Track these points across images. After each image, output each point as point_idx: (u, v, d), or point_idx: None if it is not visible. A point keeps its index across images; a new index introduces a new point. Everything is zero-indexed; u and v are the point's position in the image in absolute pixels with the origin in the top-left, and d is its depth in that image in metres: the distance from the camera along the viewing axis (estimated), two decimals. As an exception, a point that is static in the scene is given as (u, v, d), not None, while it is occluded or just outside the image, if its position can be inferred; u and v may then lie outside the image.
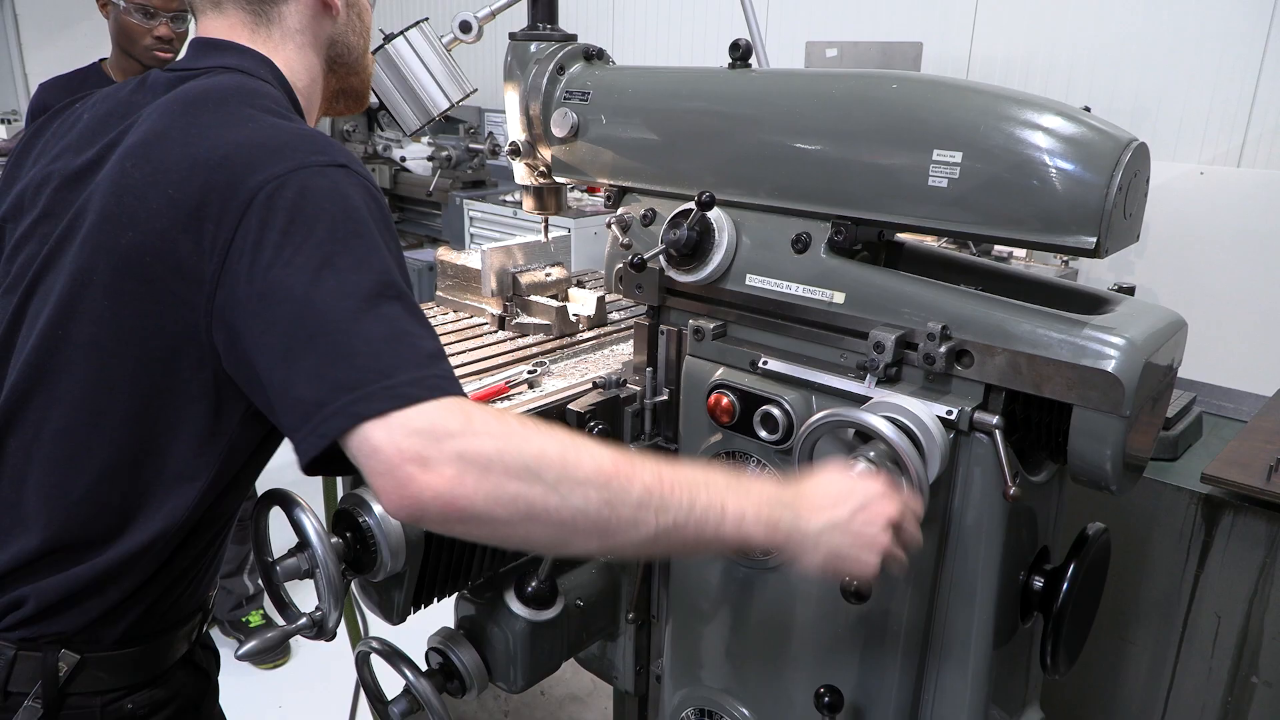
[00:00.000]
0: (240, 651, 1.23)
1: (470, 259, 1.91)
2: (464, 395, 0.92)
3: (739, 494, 0.96)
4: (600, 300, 1.88)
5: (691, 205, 1.23)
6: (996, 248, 3.28)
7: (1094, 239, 1.00)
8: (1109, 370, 0.99)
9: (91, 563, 1.07)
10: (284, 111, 1.09)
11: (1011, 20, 4.01)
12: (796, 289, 1.21)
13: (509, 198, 4.84)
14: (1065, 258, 3.55)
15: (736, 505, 0.96)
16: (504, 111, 1.52)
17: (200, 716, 1.26)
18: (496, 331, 1.83)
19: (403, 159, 5.47)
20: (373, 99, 1.57)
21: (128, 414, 1.04)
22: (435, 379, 0.91)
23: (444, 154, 5.03)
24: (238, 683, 1.45)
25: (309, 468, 0.92)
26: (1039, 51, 3.92)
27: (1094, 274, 3.66)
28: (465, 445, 0.86)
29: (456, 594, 1.48)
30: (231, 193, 0.96)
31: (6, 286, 1.11)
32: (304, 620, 1.25)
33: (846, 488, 1.01)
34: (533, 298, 1.85)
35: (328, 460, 0.91)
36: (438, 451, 0.85)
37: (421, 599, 1.35)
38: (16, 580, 1.07)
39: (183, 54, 1.20)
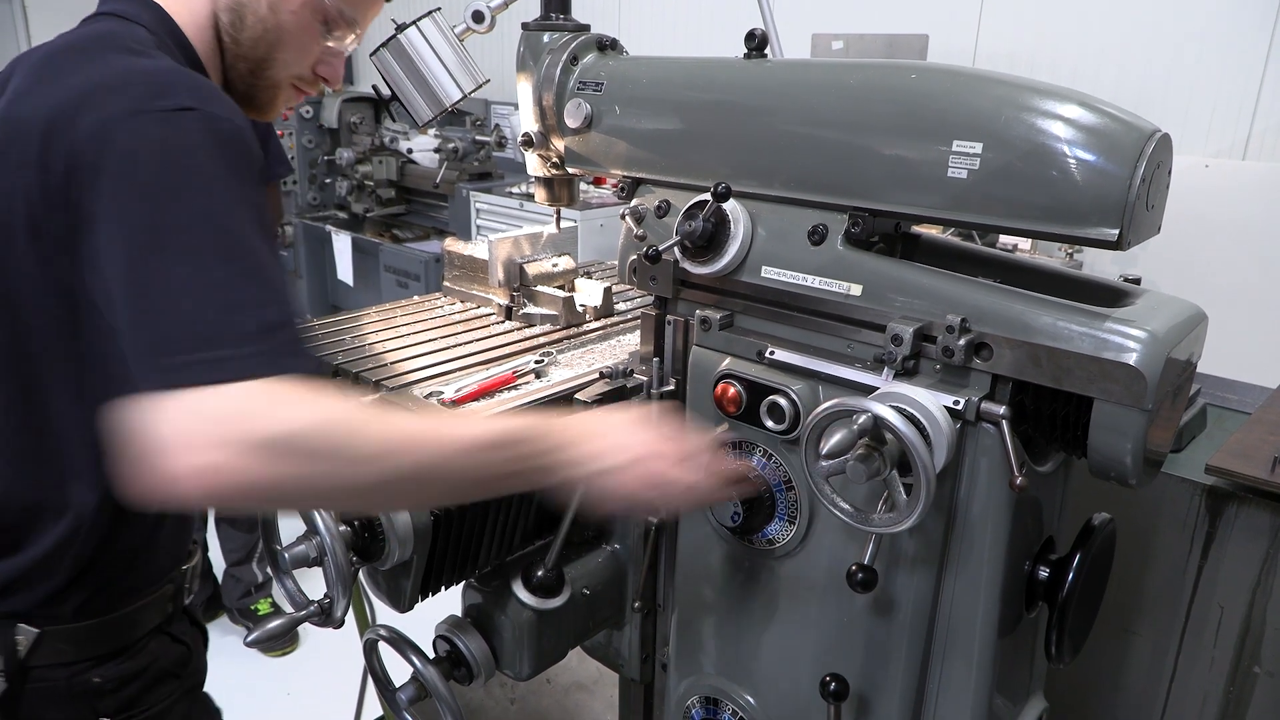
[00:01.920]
0: (249, 639, 1.24)
1: (477, 249, 1.92)
2: (301, 369, 0.89)
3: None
4: (607, 291, 1.89)
5: (706, 196, 1.23)
6: (1002, 239, 3.28)
7: (1116, 231, 1.00)
8: (1131, 364, 0.99)
9: (26, 552, 1.07)
10: (144, 51, 1.03)
11: (1017, 12, 4.00)
12: (812, 281, 1.21)
13: (515, 190, 4.84)
14: (1070, 250, 3.55)
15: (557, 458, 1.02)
16: (511, 104, 1.52)
17: (178, 690, 1.26)
18: (503, 322, 1.84)
19: (409, 151, 5.47)
20: (384, 90, 1.57)
21: (15, 391, 1.03)
22: (255, 357, 0.86)
23: (451, 146, 5.03)
24: (246, 670, 1.47)
25: None
26: (1045, 44, 3.91)
27: (1098, 266, 3.65)
28: (241, 430, 0.82)
29: (464, 582, 1.49)
30: (66, 140, 0.93)
31: None
32: (312, 608, 1.27)
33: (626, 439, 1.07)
34: (539, 288, 1.85)
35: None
36: (205, 438, 0.81)
37: (429, 587, 1.37)
38: None
39: None
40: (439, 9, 1.55)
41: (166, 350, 0.85)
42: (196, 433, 0.81)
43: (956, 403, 1.09)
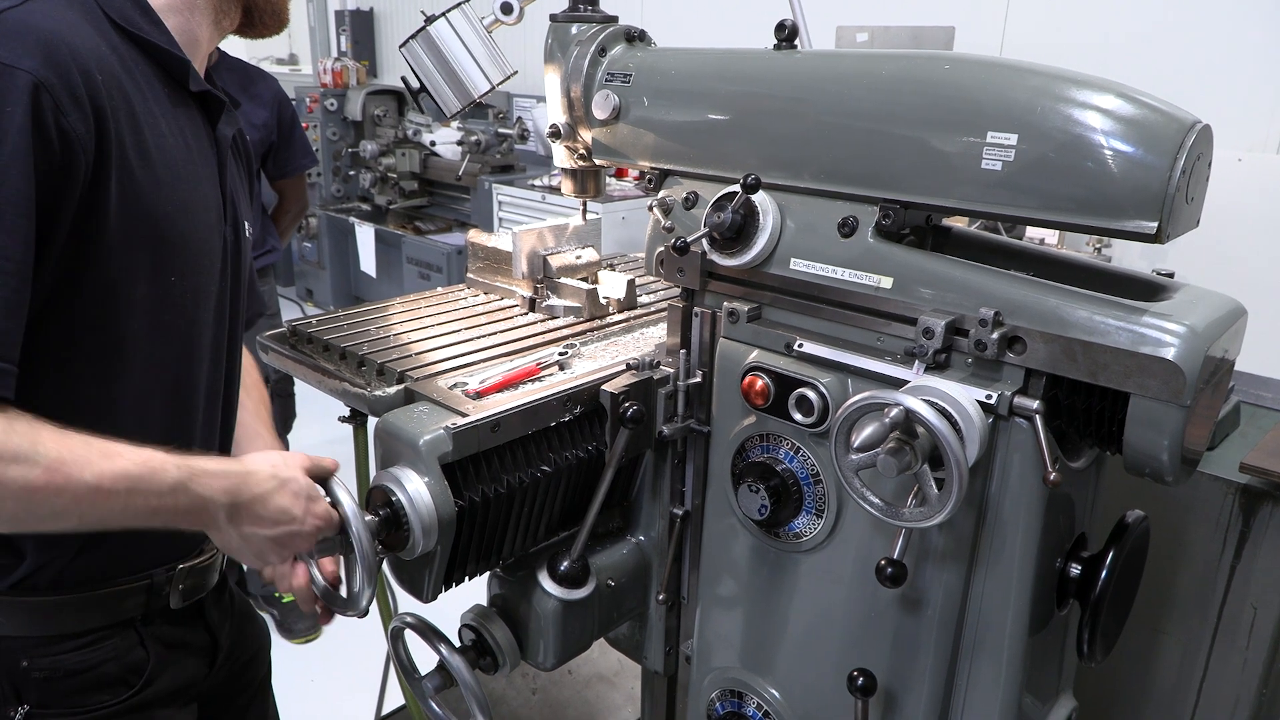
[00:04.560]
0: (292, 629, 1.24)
1: (501, 241, 1.92)
2: None
3: (179, 495, 1.01)
4: (630, 283, 1.88)
5: (735, 188, 1.22)
6: (1029, 232, 3.25)
7: (1155, 224, 0.98)
8: (1170, 358, 0.98)
9: None
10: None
11: (1046, 3, 3.95)
12: (842, 273, 1.20)
13: (537, 182, 4.85)
14: (1097, 244, 3.51)
15: (172, 508, 1.01)
16: (533, 96, 1.51)
17: (126, 703, 1.18)
18: (527, 313, 1.84)
19: (432, 143, 5.50)
20: (414, 82, 1.57)
21: None
22: None
23: (473, 139, 5.05)
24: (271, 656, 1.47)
25: None
26: (1073, 36, 3.86)
27: (1126, 260, 3.61)
28: None
29: (489, 572, 1.49)
30: None
31: None
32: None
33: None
34: (563, 280, 1.85)
35: None
36: None
37: (452, 578, 1.37)
38: None
39: None
40: (468, 1, 1.55)
41: None
42: None
43: (989, 397, 1.08)
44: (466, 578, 1.40)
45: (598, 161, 1.52)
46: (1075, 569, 1.22)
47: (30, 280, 0.95)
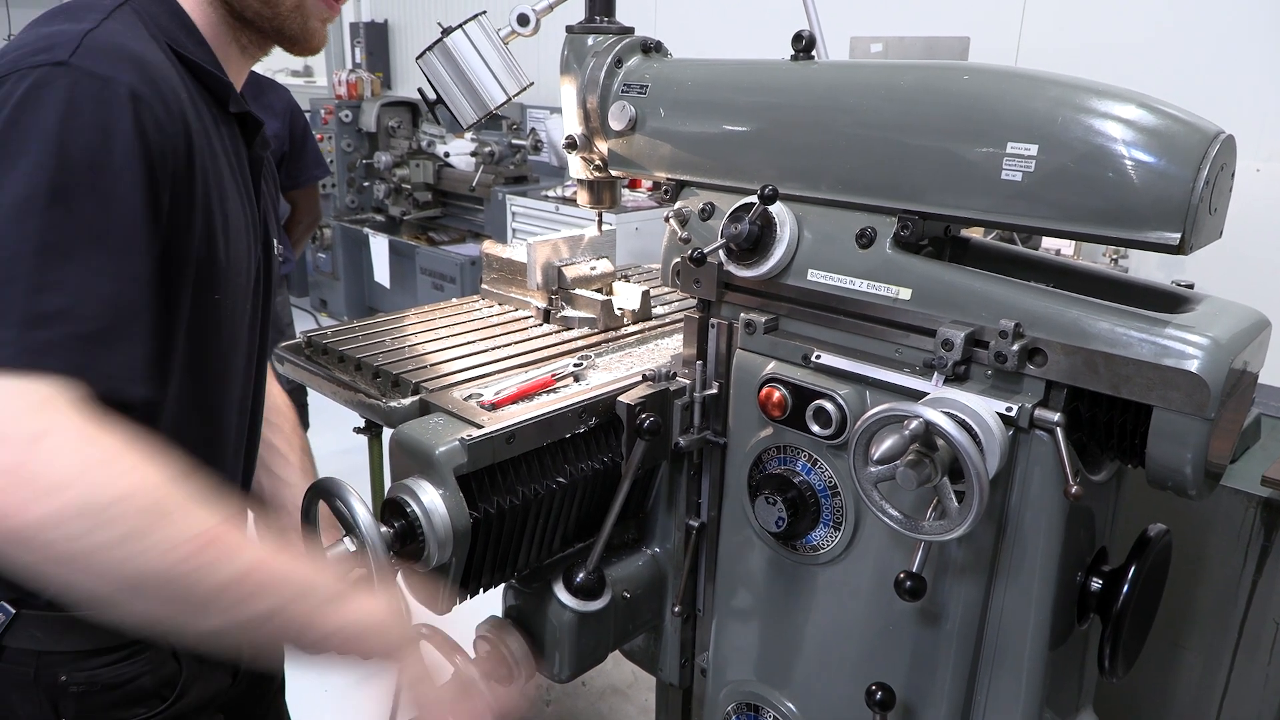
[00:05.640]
0: None
1: (516, 252, 1.93)
2: (76, 375, 0.81)
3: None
4: (645, 294, 1.88)
5: (752, 199, 1.22)
6: (1045, 243, 3.23)
7: (1178, 235, 0.97)
8: (1193, 371, 0.97)
9: None
10: (82, 16, 0.98)
11: (1061, 13, 3.94)
12: (860, 285, 1.20)
13: (550, 193, 4.86)
14: (1114, 255, 3.49)
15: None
16: (546, 108, 1.52)
17: (168, 713, 1.18)
18: (541, 325, 1.84)
19: (446, 155, 5.53)
20: (430, 93, 1.58)
21: None
22: (19, 350, 0.79)
23: (487, 150, 5.07)
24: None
25: None
26: (1089, 46, 3.85)
27: (1143, 271, 3.59)
28: (29, 455, 0.75)
29: (505, 584, 1.49)
30: None
31: None
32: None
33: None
34: (577, 291, 1.85)
35: None
36: None
37: (467, 589, 1.37)
38: None
39: None
40: (484, 12, 1.56)
41: None
42: None
43: (1009, 409, 1.07)
44: (482, 589, 1.40)
45: (614, 172, 1.52)
46: (1096, 583, 1.20)
47: (153, 286, 0.93)
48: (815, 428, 1.22)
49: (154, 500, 0.81)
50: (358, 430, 1.73)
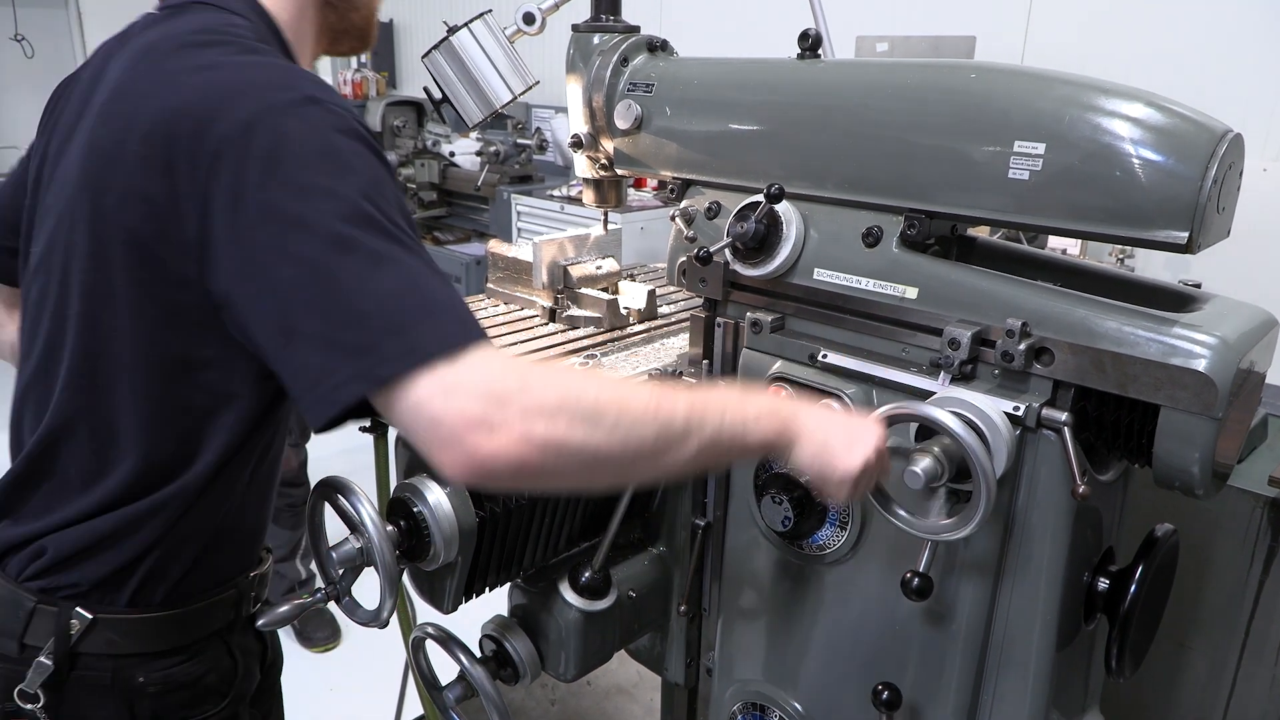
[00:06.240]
0: (260, 623, 1.24)
1: (521, 252, 1.93)
2: (487, 339, 0.89)
3: (753, 401, 1.02)
4: (651, 294, 1.88)
5: (759, 198, 1.22)
6: (1051, 242, 3.23)
7: (1185, 234, 0.97)
8: (1201, 370, 0.96)
9: (106, 516, 1.07)
10: (254, 46, 1.02)
11: (1068, 13, 3.93)
12: (866, 284, 1.20)
13: (556, 192, 4.86)
14: (1120, 255, 3.48)
15: (755, 409, 1.00)
16: (552, 107, 1.52)
17: (223, 711, 1.21)
18: (547, 324, 1.84)
19: (451, 154, 5.52)
20: (435, 92, 1.58)
21: (134, 381, 1.03)
22: (458, 329, 0.87)
23: (492, 149, 5.06)
24: (289, 665, 1.47)
25: (321, 430, 0.91)
26: (1095, 45, 3.84)
27: (1149, 270, 3.58)
28: (527, 402, 0.84)
29: (510, 583, 1.49)
30: (197, 143, 0.91)
31: (34, 267, 1.11)
32: (319, 594, 1.26)
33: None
34: (583, 290, 1.85)
35: (340, 420, 0.89)
36: (501, 415, 0.83)
37: (473, 589, 1.37)
38: (41, 530, 1.09)
39: None
40: (490, 11, 1.56)
41: (399, 332, 0.86)
42: (489, 411, 0.83)
43: (1016, 409, 1.07)
44: (487, 588, 1.40)
45: (619, 172, 1.52)
46: (1103, 583, 1.20)
47: None
48: (822, 427, 1.21)
49: (610, 392, 0.90)
50: (364, 429, 1.73)
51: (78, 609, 1.09)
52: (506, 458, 0.83)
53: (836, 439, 1.02)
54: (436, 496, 1.23)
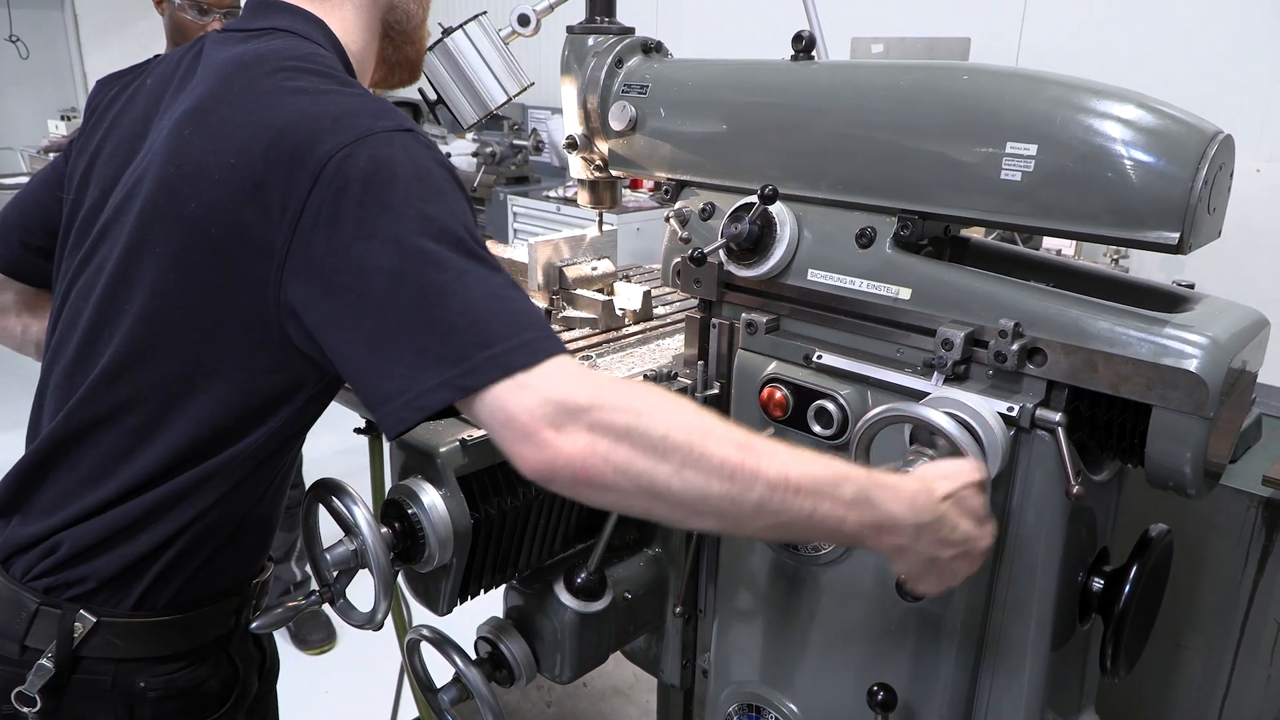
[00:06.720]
0: (254, 625, 1.24)
1: (517, 252, 1.93)
2: (567, 351, 0.92)
3: (863, 509, 0.93)
4: (646, 295, 1.88)
5: (753, 199, 1.22)
6: (1045, 243, 3.23)
7: (1177, 234, 0.97)
8: (1192, 370, 0.97)
9: (133, 501, 1.07)
10: (340, 76, 1.06)
11: (1062, 14, 3.95)
12: (860, 284, 1.20)
13: (551, 193, 4.87)
14: (1115, 255, 3.49)
15: (857, 521, 0.93)
16: (548, 108, 1.52)
17: (227, 715, 1.22)
18: (544, 325, 1.84)
19: (448, 155, 5.51)
20: (430, 93, 1.58)
21: (177, 378, 1.04)
22: (541, 341, 0.91)
23: (488, 150, 5.05)
24: (285, 668, 1.46)
25: (395, 436, 0.95)
26: (1090, 47, 3.85)
27: (1143, 271, 3.59)
28: (599, 416, 0.86)
29: (505, 585, 1.49)
30: (297, 165, 0.95)
31: (80, 261, 1.12)
32: (313, 597, 1.26)
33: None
34: (579, 291, 1.85)
35: (416, 425, 0.93)
36: (572, 420, 0.86)
37: (468, 590, 1.36)
38: (56, 526, 1.09)
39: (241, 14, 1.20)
40: (485, 13, 1.56)
41: (488, 344, 0.89)
42: (558, 417, 0.86)
43: (1010, 409, 1.07)
44: (482, 590, 1.40)
45: (614, 173, 1.52)
46: (1098, 583, 1.20)
47: None
48: (817, 428, 1.22)
49: (686, 432, 0.88)
50: (358, 431, 1.73)
51: (81, 611, 1.09)
52: (570, 462, 0.86)
53: (944, 555, 0.99)
54: (431, 498, 1.23)
